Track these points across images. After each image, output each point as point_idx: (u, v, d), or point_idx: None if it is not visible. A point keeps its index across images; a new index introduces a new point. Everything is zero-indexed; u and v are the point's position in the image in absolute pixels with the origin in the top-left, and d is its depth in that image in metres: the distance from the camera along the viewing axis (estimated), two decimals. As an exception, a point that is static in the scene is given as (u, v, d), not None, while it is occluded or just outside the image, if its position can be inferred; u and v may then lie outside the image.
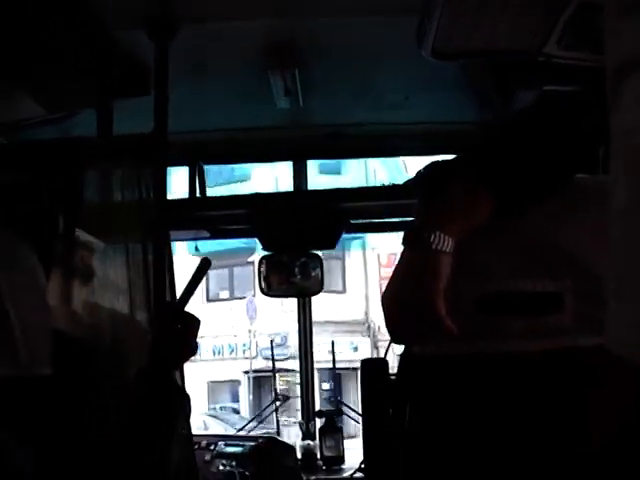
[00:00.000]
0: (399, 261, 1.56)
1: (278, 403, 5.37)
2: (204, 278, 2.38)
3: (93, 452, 1.94)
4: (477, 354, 1.54)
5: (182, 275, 2.64)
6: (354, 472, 4.18)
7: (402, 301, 1.51)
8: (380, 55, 3.29)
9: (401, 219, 4.09)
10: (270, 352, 7.66)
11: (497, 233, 1.55)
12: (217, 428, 15.44)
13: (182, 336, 2.25)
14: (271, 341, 6.61)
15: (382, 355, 2.38)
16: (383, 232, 4.18)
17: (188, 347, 2.27)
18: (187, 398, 2.32)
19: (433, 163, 1.74)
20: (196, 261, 2.36)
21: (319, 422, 4.66)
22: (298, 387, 5.19)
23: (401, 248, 1.56)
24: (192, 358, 2.31)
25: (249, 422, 5.70)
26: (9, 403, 1.63)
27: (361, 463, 4.03)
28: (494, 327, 1.53)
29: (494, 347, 1.53)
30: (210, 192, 4.35)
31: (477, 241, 1.55)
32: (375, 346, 23.54)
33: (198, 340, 2.31)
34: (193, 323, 2.27)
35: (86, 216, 2.94)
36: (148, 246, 2.90)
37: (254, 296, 21.57)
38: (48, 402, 1.76)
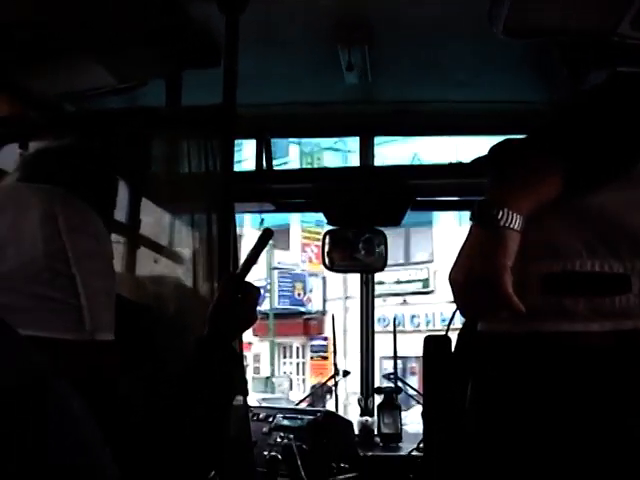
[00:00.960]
0: (467, 237, 1.55)
1: (338, 378, 5.38)
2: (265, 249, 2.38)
3: (153, 421, 1.96)
4: (541, 333, 1.53)
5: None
6: (412, 450, 4.17)
7: (469, 277, 1.50)
8: (450, 32, 3.27)
9: (468, 198, 4.06)
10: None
11: (565, 212, 1.54)
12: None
13: (242, 306, 2.26)
14: (332, 316, 6.58)
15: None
16: (449, 210, 4.16)
17: (247, 317, 2.28)
18: (243, 368, 2.33)
19: (505, 140, 1.73)
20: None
21: (378, 399, 4.66)
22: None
23: (469, 224, 1.56)
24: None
25: (307, 396, 5.74)
26: (73, 367, 1.65)
27: (419, 442, 4.02)
28: (560, 307, 1.52)
29: (559, 327, 1.52)
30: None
31: (545, 219, 1.53)
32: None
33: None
34: (253, 293, 2.28)
35: (153, 186, 2.97)
36: (213, 217, 2.92)
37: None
38: (110, 368, 1.78)
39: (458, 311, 1.62)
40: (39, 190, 1.78)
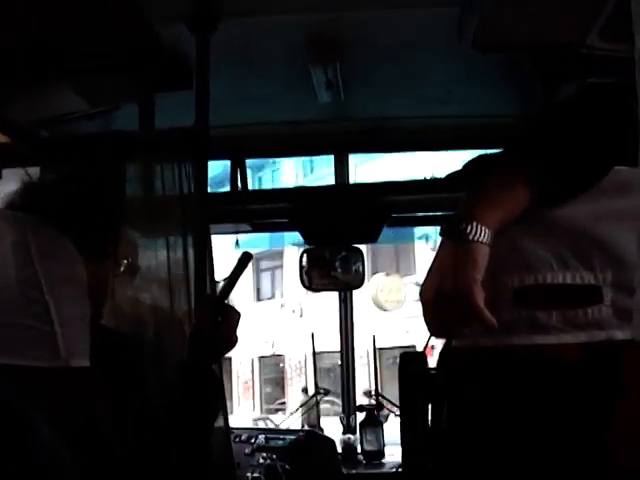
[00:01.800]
0: (437, 252, 1.55)
1: (319, 397, 5.37)
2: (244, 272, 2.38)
3: (132, 446, 1.95)
4: (514, 347, 1.53)
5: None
6: (397, 467, 4.17)
7: (439, 291, 1.50)
8: (422, 49, 3.28)
9: (445, 213, 4.07)
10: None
11: (536, 224, 1.54)
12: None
13: (222, 329, 2.25)
14: (312, 334, 6.57)
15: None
16: (426, 225, 4.17)
17: (228, 340, 2.27)
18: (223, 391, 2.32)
19: (479, 156, 1.74)
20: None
21: (360, 416, 4.66)
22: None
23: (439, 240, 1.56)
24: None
25: (290, 415, 5.73)
26: (48, 395, 1.65)
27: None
28: (532, 320, 1.52)
29: (532, 340, 1.52)
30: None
31: (516, 232, 1.54)
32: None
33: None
34: (233, 316, 2.27)
35: (127, 209, 2.96)
36: (188, 240, 2.92)
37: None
38: (87, 395, 1.76)
39: (427, 328, 1.62)
40: (10, 218, 1.77)
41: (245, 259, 2.33)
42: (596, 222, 1.53)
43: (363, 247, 4.34)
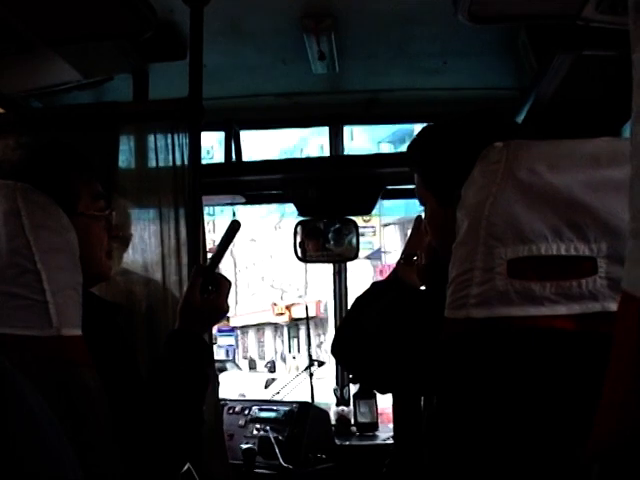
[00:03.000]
0: None
1: (313, 369, 5.38)
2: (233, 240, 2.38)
3: (124, 416, 1.94)
4: (508, 318, 1.53)
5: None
6: (387, 438, 4.18)
7: None
8: (417, 19, 3.27)
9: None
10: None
11: (530, 196, 1.54)
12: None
13: (213, 298, 2.25)
14: (306, 305, 6.57)
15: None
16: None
17: (219, 309, 2.27)
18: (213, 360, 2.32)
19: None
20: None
21: (353, 388, 4.67)
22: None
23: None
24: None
25: (283, 387, 5.74)
26: (41, 364, 1.65)
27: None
28: (526, 291, 1.52)
29: (526, 311, 1.52)
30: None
31: (510, 205, 1.54)
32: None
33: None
34: (224, 285, 2.27)
35: (120, 180, 2.95)
36: (180, 210, 2.91)
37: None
38: (78, 364, 1.76)
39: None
40: (2, 186, 1.76)
41: (234, 227, 2.32)
42: (591, 192, 1.53)
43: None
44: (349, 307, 2.35)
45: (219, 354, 31.15)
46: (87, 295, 1.92)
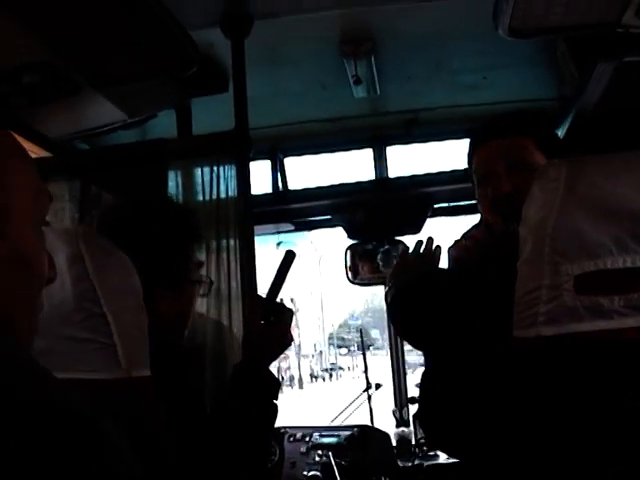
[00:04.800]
0: None
1: (371, 391, 5.37)
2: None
3: (193, 453, 1.95)
4: (579, 334, 1.52)
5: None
6: (449, 457, 4.15)
7: None
8: (455, 36, 3.27)
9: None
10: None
11: (593, 211, 1.53)
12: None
13: (275, 329, 2.25)
14: (360, 330, 6.56)
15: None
16: (469, 214, 4.14)
17: (282, 340, 2.27)
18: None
19: None
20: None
21: (412, 408, 4.65)
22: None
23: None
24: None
25: (342, 412, 5.72)
26: (110, 406, 1.65)
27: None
28: (595, 306, 1.51)
29: (596, 326, 1.51)
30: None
31: (574, 220, 1.53)
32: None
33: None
34: (286, 314, 2.27)
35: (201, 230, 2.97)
36: (235, 243, 2.92)
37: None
38: (149, 404, 1.77)
39: None
40: (62, 232, 1.78)
41: (289, 257, 2.33)
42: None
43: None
44: None
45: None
46: (162, 342, 1.95)
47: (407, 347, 4.86)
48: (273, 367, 2.28)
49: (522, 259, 1.64)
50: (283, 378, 48.09)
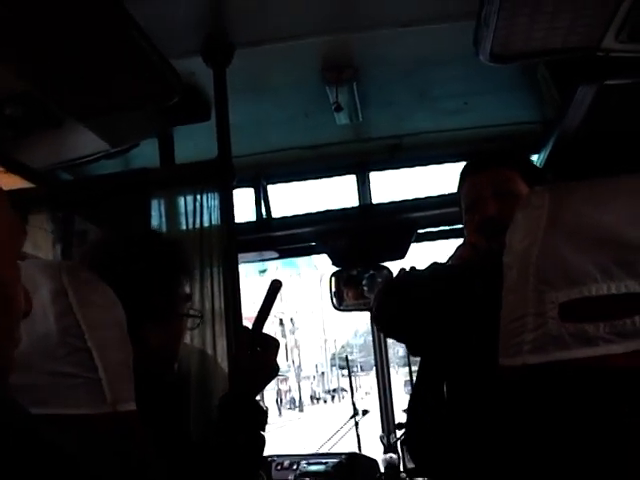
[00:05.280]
0: None
1: (358, 418, 5.36)
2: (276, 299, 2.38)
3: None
4: (564, 362, 1.52)
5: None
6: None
7: None
8: (437, 62, 3.29)
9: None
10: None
11: (577, 238, 1.53)
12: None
13: (261, 359, 2.25)
14: (346, 357, 6.55)
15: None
16: (454, 238, 4.15)
17: (269, 369, 2.26)
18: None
19: None
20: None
21: (399, 434, 4.63)
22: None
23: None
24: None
25: (329, 439, 5.71)
26: (96, 442, 1.64)
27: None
28: (580, 333, 1.51)
29: (582, 353, 1.51)
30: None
31: (558, 248, 1.53)
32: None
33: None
34: (272, 344, 2.27)
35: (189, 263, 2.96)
36: (219, 272, 2.91)
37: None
38: (135, 438, 1.76)
39: None
40: (46, 266, 1.77)
41: (276, 286, 2.33)
42: (635, 228, 1.52)
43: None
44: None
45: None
46: (147, 374, 1.94)
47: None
48: (272, 389, 2.28)
49: (506, 287, 1.64)
50: (282, 400, 47.89)
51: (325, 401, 52.36)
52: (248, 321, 2.54)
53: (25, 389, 1.55)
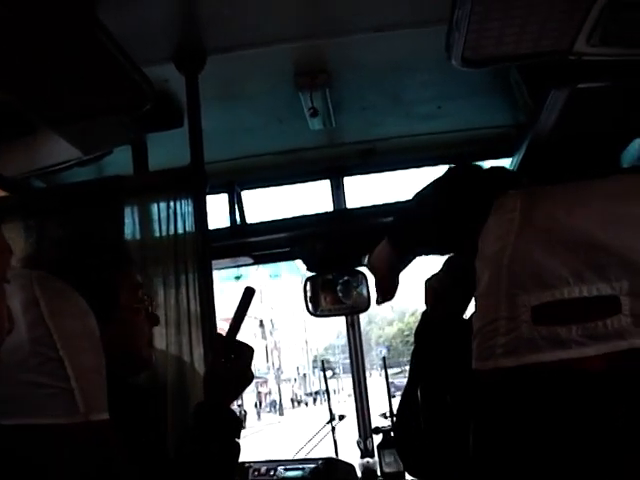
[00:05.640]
0: None
1: (334, 423, 5.36)
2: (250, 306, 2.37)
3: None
4: (536, 365, 1.52)
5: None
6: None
7: None
8: (410, 67, 3.30)
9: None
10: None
11: (549, 241, 1.53)
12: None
13: (236, 367, 2.24)
14: (322, 361, 6.56)
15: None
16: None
17: (244, 377, 2.26)
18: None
19: None
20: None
21: (377, 439, 4.63)
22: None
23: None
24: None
25: (305, 444, 5.70)
26: (70, 451, 1.63)
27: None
28: (552, 336, 1.51)
29: (554, 356, 1.51)
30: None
31: (530, 251, 1.53)
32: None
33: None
34: (247, 352, 2.26)
35: (130, 254, 2.95)
36: (195, 278, 2.90)
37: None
38: (108, 448, 1.75)
39: None
40: (18, 276, 1.76)
41: (249, 293, 2.32)
42: (610, 230, 1.53)
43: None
44: None
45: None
46: (119, 381, 1.92)
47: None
48: (252, 392, 2.28)
49: (479, 292, 1.64)
50: (261, 403, 47.61)
51: (307, 404, 52.28)
52: (225, 322, 2.53)
53: (-2, 400, 1.55)
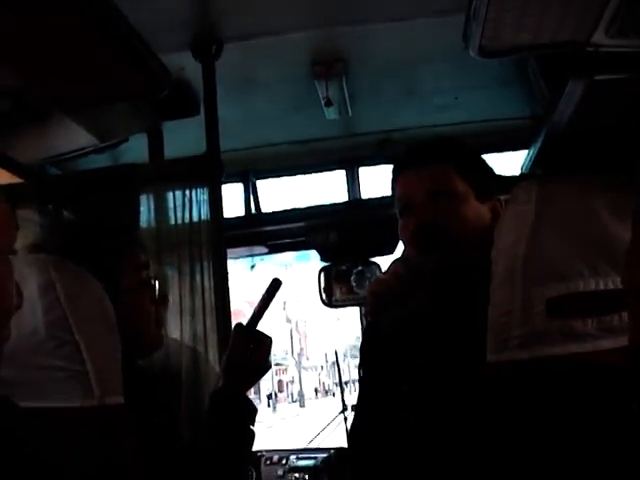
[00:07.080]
0: None
1: (347, 413, 5.36)
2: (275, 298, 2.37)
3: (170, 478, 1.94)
4: (551, 357, 1.52)
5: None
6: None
7: None
8: (426, 58, 3.28)
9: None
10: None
11: (565, 234, 1.53)
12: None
13: (254, 356, 2.25)
14: (335, 352, 6.54)
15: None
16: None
17: (260, 366, 2.27)
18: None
19: None
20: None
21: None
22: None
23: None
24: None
25: (318, 434, 5.70)
26: (85, 434, 1.64)
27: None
28: (567, 329, 1.50)
29: (568, 349, 1.50)
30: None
31: (545, 243, 1.53)
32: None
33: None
34: (265, 342, 2.27)
35: (134, 235, 2.93)
36: (208, 267, 2.90)
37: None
38: (122, 431, 1.75)
39: None
40: (34, 260, 1.76)
41: (276, 285, 2.33)
42: (624, 223, 1.52)
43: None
44: None
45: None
46: (132, 365, 1.93)
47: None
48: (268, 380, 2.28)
49: (494, 283, 1.63)
50: (276, 394, 46.81)
51: (334, 394, 51.58)
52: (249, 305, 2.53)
53: (14, 383, 1.55)
